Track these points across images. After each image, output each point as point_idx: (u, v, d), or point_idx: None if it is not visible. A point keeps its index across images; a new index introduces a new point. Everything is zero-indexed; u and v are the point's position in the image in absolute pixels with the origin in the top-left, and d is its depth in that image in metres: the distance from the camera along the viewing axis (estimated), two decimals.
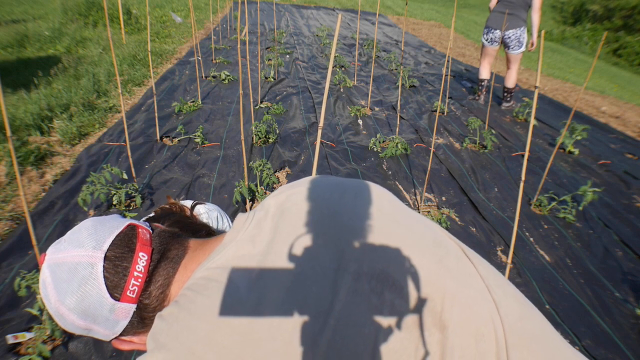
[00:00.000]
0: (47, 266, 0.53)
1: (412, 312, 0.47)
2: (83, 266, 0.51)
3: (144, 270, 0.53)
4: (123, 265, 0.52)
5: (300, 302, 0.46)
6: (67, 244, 0.54)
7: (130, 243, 0.54)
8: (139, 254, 0.53)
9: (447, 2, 20.02)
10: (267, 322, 0.45)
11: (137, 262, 0.53)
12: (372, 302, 0.47)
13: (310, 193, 0.59)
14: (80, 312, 0.52)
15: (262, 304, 0.46)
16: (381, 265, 0.50)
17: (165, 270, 0.55)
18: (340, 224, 0.54)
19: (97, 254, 0.52)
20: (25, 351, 1.72)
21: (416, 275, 0.49)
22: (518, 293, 0.56)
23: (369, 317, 0.46)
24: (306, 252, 0.51)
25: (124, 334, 0.56)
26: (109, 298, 0.51)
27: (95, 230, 0.55)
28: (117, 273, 0.52)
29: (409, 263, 0.50)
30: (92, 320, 0.53)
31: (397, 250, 0.51)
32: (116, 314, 0.53)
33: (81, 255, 0.52)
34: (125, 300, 0.52)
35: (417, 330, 0.46)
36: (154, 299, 0.54)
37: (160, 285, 0.55)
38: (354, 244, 0.51)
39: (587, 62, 11.52)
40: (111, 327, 0.54)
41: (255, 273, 0.49)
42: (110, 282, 0.52)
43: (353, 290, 0.47)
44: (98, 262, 0.51)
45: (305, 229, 0.53)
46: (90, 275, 0.51)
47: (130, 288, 0.52)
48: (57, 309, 0.52)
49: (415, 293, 0.48)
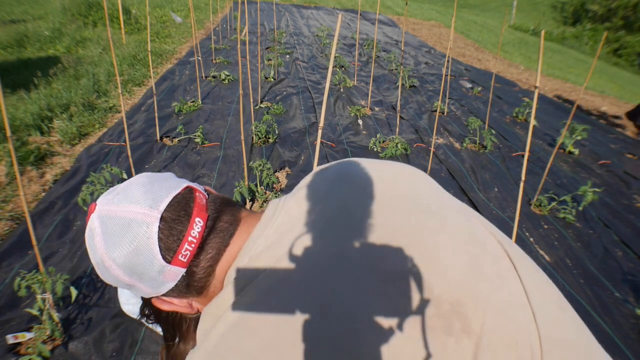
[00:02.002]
0: (98, 217, 0.51)
1: (440, 317, 0.44)
2: (137, 224, 0.50)
3: (198, 236, 0.52)
4: (178, 228, 0.51)
5: (325, 304, 0.45)
6: (121, 197, 0.52)
7: (187, 207, 0.52)
8: (195, 219, 0.52)
9: (447, 2, 20.02)
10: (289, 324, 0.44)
11: (193, 227, 0.52)
12: (398, 305, 0.44)
13: (333, 183, 0.57)
14: (127, 268, 0.51)
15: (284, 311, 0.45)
16: (409, 264, 0.47)
17: (217, 244, 0.54)
18: (366, 217, 0.51)
19: (153, 213, 0.50)
20: (25, 351, 1.72)
21: (445, 277, 0.46)
22: (556, 293, 0.53)
23: (394, 321, 0.44)
24: (328, 246, 0.49)
25: (166, 294, 0.56)
26: (160, 259, 0.50)
27: (152, 188, 0.53)
28: (172, 236, 0.51)
29: (439, 263, 0.47)
30: (138, 278, 0.52)
31: (427, 247, 0.48)
32: (165, 275, 0.52)
33: (136, 212, 0.50)
34: (176, 263, 0.51)
35: (444, 336, 0.44)
36: (202, 269, 0.54)
37: (211, 257, 0.54)
38: (380, 240, 0.49)
39: (587, 62, 11.52)
40: (156, 287, 0.53)
41: (278, 277, 0.48)
42: (163, 244, 0.50)
43: (381, 294, 0.45)
44: (154, 222, 0.50)
45: (332, 220, 0.51)
46: (144, 234, 0.50)
47: (183, 252, 0.51)
48: (103, 261, 0.51)
49: (445, 296, 0.45)
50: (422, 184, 0.58)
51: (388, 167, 0.60)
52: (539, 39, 5.33)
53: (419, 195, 0.55)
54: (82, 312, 1.96)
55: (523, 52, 10.37)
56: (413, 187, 0.57)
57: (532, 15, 19.47)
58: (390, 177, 0.58)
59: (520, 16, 18.41)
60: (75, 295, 1.75)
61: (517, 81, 7.05)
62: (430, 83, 6.27)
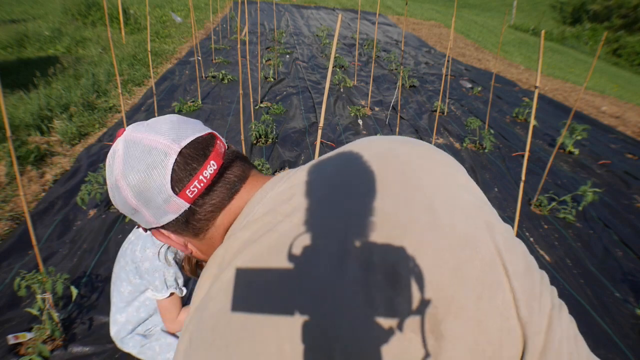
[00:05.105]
0: (124, 140, 0.55)
1: (413, 314, 0.45)
2: (157, 152, 0.53)
3: (209, 177, 0.55)
4: (193, 165, 0.54)
5: (304, 291, 0.46)
6: (148, 128, 0.56)
7: (206, 149, 0.56)
8: (211, 162, 0.55)
9: (447, 2, 20.02)
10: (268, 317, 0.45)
11: (206, 168, 0.55)
12: (374, 297, 0.45)
13: (339, 163, 0.57)
14: (137, 191, 0.54)
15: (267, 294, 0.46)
16: (392, 258, 0.47)
17: (222, 193, 0.57)
18: (363, 199, 0.51)
19: (174, 146, 0.54)
20: (25, 351, 1.72)
21: (421, 277, 0.46)
22: (558, 306, 0.50)
23: (370, 313, 0.44)
24: (316, 224, 0.50)
25: (165, 227, 0.59)
26: (169, 188, 0.53)
27: (179, 126, 0.57)
28: (185, 170, 0.54)
29: (418, 262, 0.47)
30: (145, 204, 0.55)
31: (412, 243, 0.48)
32: (169, 206, 0.55)
33: (159, 142, 0.54)
34: (182, 197, 0.54)
35: (411, 333, 0.44)
36: (203, 212, 0.57)
37: (214, 204, 0.57)
38: (370, 226, 0.49)
39: (587, 62, 11.52)
40: (158, 217, 0.56)
41: (266, 247, 0.50)
42: (175, 175, 0.53)
43: (358, 281, 0.46)
44: (172, 153, 0.53)
45: (322, 203, 0.52)
46: (160, 162, 0.53)
47: (191, 188, 0.54)
48: (117, 181, 0.55)
49: (419, 295, 0.45)
50: (438, 172, 0.56)
51: (407, 147, 0.59)
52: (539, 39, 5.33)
53: (427, 184, 0.54)
54: (82, 312, 1.96)
55: (523, 52, 10.37)
56: (424, 173, 0.55)
57: (532, 15, 19.47)
58: (404, 158, 0.57)
59: (520, 16, 18.41)
60: (75, 295, 1.75)
61: (517, 81, 7.05)
62: (430, 83, 6.26)
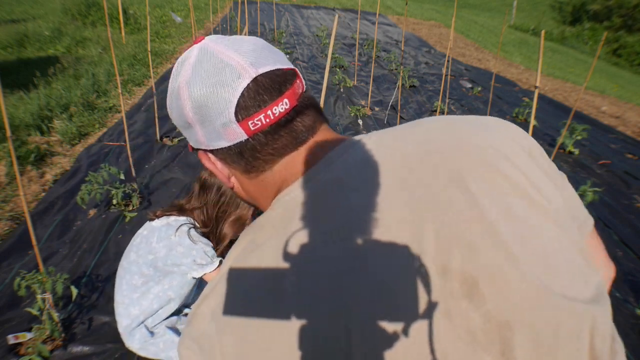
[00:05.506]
0: (200, 48, 0.51)
1: (486, 333, 0.41)
2: (231, 70, 0.49)
3: (278, 115, 0.50)
4: (264, 97, 0.49)
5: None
6: (229, 43, 0.51)
7: (283, 85, 0.50)
8: (284, 99, 0.50)
9: (447, 2, 20.02)
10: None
11: (277, 104, 0.49)
12: (450, 307, 0.41)
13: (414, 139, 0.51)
14: (197, 105, 0.50)
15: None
16: (473, 268, 0.42)
17: (287, 140, 0.51)
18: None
19: (250, 69, 0.49)
20: (25, 351, 1.72)
21: (503, 296, 0.41)
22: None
23: (445, 324, 0.41)
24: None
25: (215, 152, 0.54)
26: (231, 113, 0.49)
27: (262, 52, 0.52)
28: (254, 99, 0.49)
29: (503, 278, 0.42)
30: (201, 121, 0.51)
31: (498, 258, 0.42)
32: (226, 131, 0.50)
33: (236, 61, 0.49)
34: (243, 126, 0.49)
35: (488, 356, 0.41)
36: (262, 152, 0.51)
37: (275, 148, 0.51)
38: (447, 229, 0.43)
39: (587, 62, 11.53)
40: (210, 139, 0.52)
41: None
42: (243, 101, 0.49)
43: (437, 288, 0.41)
44: (246, 77, 0.49)
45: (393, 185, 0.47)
46: (231, 82, 0.49)
47: (255, 120, 0.49)
48: (180, 88, 0.51)
49: (496, 314, 0.41)
50: (500, 162, 0.48)
51: (476, 128, 0.53)
52: (539, 38, 5.32)
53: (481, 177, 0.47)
54: (82, 312, 1.96)
55: (523, 52, 10.37)
56: (483, 161, 0.48)
57: (532, 15, 19.47)
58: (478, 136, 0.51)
59: (520, 16, 18.41)
60: (75, 295, 1.75)
61: (517, 81, 7.06)
62: (430, 83, 6.27)
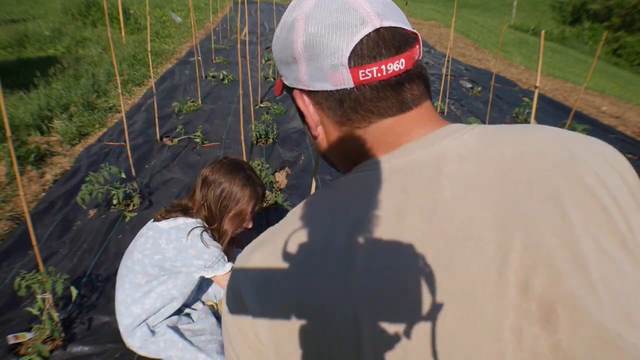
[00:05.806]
0: None
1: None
2: (356, 15, 0.46)
3: (390, 73, 0.46)
4: (382, 50, 0.46)
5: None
6: None
7: (403, 45, 0.47)
8: (401, 59, 0.46)
9: (447, 2, 20.03)
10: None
11: (393, 62, 0.46)
12: (522, 329, 0.37)
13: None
14: (310, 42, 0.47)
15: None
16: (554, 292, 0.37)
17: (392, 103, 0.48)
18: (527, 211, 0.40)
19: (375, 19, 0.46)
20: (25, 351, 1.72)
21: (583, 327, 0.36)
22: None
23: (513, 348, 0.37)
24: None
25: (313, 95, 0.51)
26: (345, 57, 0.45)
27: (390, 7, 0.49)
28: (372, 50, 0.46)
29: (583, 310, 0.37)
30: (309, 58, 0.47)
31: (582, 287, 0.37)
32: (333, 73, 0.47)
33: (363, 7, 0.46)
34: (353, 73, 0.46)
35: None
36: (362, 107, 0.48)
37: (377, 107, 0.48)
38: (535, 246, 0.38)
39: (587, 62, 11.53)
40: (313, 79, 0.49)
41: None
42: (359, 49, 0.45)
43: (514, 305, 0.37)
44: (369, 25, 0.45)
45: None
46: (353, 26, 0.45)
47: (367, 71, 0.46)
48: (297, 20, 0.48)
49: (569, 347, 0.36)
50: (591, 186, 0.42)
51: (583, 150, 0.45)
52: (539, 38, 5.33)
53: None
54: (82, 312, 1.96)
55: (523, 52, 10.38)
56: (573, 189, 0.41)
57: (532, 15, 19.48)
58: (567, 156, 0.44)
59: (520, 16, 18.41)
60: (75, 295, 1.75)
61: (517, 81, 7.06)
62: (430, 83, 6.26)
